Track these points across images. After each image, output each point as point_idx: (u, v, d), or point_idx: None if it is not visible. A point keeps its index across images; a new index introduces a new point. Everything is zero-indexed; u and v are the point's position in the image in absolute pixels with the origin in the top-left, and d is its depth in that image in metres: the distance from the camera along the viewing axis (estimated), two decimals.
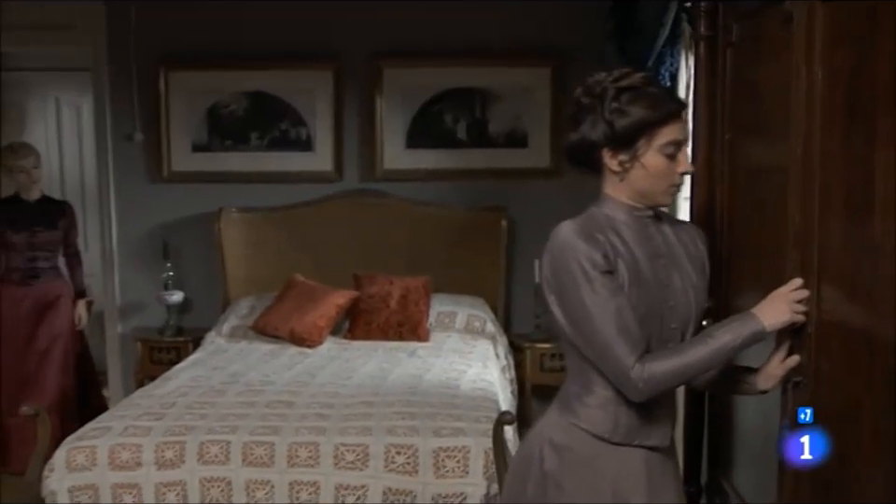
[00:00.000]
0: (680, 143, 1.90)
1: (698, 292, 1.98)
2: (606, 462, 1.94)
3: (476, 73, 5.17)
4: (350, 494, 3.06)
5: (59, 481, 3.10)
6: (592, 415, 1.94)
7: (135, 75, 5.26)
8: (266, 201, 5.21)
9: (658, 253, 1.95)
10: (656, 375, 1.81)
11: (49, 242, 4.87)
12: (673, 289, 1.94)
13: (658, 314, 1.90)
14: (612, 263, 1.85)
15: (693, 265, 2.00)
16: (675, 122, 1.89)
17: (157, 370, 4.75)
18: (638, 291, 1.87)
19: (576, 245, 1.85)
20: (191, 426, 3.25)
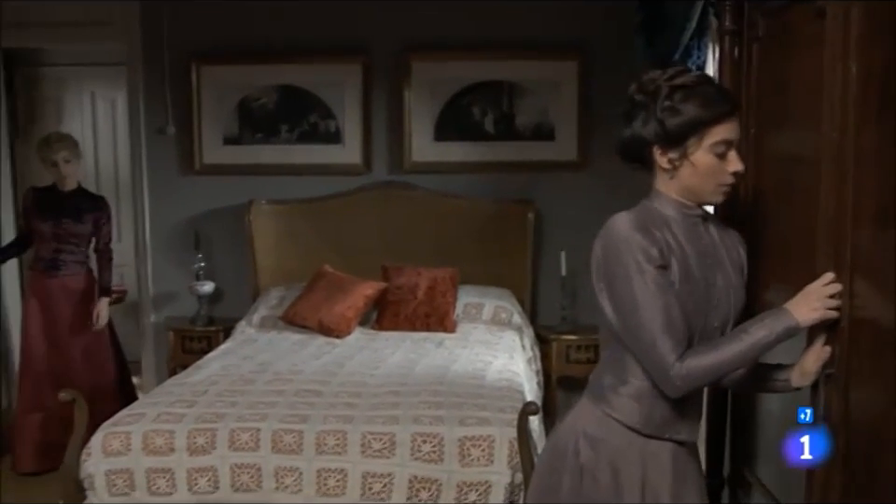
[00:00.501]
0: (731, 142, 1.92)
1: (737, 293, 2.01)
2: (636, 454, 1.98)
3: (504, 66, 5.20)
4: (377, 481, 3.11)
5: (95, 464, 3.18)
6: (625, 406, 1.97)
7: (168, 69, 5.36)
8: (296, 193, 5.28)
9: (706, 252, 1.97)
10: (694, 372, 1.84)
11: (74, 234, 4.77)
12: (717, 289, 1.96)
13: (703, 311, 1.93)
14: (666, 259, 1.88)
15: (734, 267, 2.03)
16: (727, 122, 1.90)
17: (188, 358, 4.84)
18: (687, 288, 1.90)
19: (632, 238, 1.87)
20: (222, 413, 3.31)
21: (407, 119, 5.24)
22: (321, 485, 3.13)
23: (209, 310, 5.34)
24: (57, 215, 4.73)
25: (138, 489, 3.18)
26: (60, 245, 4.74)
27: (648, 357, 1.88)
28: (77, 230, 4.76)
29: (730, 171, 1.92)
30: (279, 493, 3.15)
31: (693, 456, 2.08)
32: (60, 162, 4.73)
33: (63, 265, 4.77)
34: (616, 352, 1.99)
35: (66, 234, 4.74)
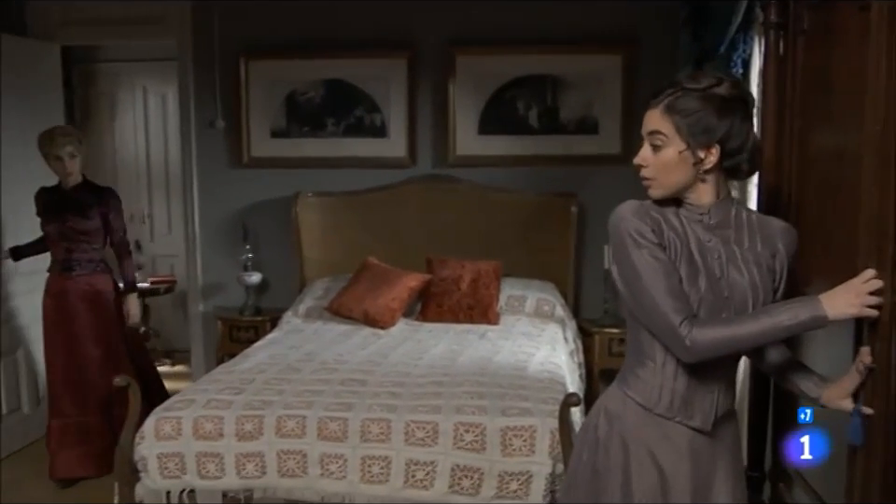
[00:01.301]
0: (644, 134, 1.99)
1: (757, 291, 1.97)
2: (649, 432, 2.03)
3: (548, 60, 5.21)
4: (419, 469, 3.16)
5: (148, 448, 3.28)
6: (641, 386, 2.04)
7: (218, 64, 5.47)
8: (341, 185, 5.35)
9: (713, 247, 1.98)
10: (706, 337, 1.86)
11: (82, 232, 4.49)
12: (728, 284, 1.96)
13: (707, 300, 1.94)
14: (662, 238, 1.94)
15: (759, 265, 1.99)
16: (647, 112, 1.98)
17: (236, 347, 4.95)
18: (689, 270, 1.94)
19: (626, 218, 1.95)
20: (269, 401, 3.39)
21: (451, 112, 5.28)
22: (365, 472, 3.19)
23: (256, 300, 5.45)
24: (62, 213, 4.48)
25: (189, 472, 3.27)
26: (70, 244, 4.49)
27: (655, 320, 1.92)
28: (85, 226, 4.49)
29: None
30: (324, 479, 3.21)
31: (721, 447, 2.07)
32: (65, 157, 4.45)
33: (76, 265, 4.52)
34: (634, 333, 2.05)
35: (75, 233, 4.48)
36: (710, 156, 1.93)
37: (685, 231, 1.98)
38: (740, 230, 2.01)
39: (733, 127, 1.91)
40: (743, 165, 1.97)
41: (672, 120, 1.92)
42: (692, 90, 1.91)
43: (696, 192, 1.98)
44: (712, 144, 1.92)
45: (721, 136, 1.91)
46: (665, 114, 1.93)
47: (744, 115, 1.94)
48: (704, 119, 1.90)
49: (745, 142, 1.94)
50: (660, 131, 1.93)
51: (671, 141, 1.93)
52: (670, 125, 1.92)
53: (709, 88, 1.91)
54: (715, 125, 1.90)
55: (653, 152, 1.96)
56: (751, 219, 2.05)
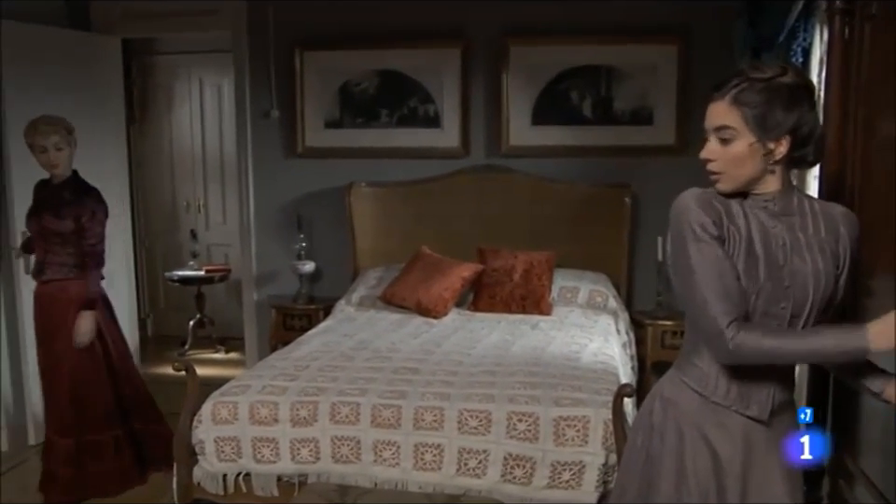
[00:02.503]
0: (707, 129, 1.95)
1: (819, 277, 1.94)
2: (705, 418, 2.02)
3: (602, 50, 5.17)
4: (472, 457, 3.17)
5: (206, 431, 3.34)
6: (697, 373, 2.03)
7: (273, 56, 5.52)
8: (395, 176, 5.38)
9: (777, 234, 1.96)
10: (747, 344, 1.85)
11: (55, 233, 3.98)
12: (791, 272, 1.94)
13: (766, 290, 1.93)
14: (723, 231, 1.92)
15: (822, 253, 1.97)
16: (708, 106, 1.94)
17: (289, 335, 5.01)
18: (748, 261, 1.92)
19: (689, 208, 1.93)
20: (324, 387, 3.42)
21: (505, 103, 5.27)
22: (418, 459, 3.21)
23: (310, 289, 5.50)
24: (40, 210, 4.05)
25: (244, 456, 3.32)
26: (46, 245, 4.03)
27: (702, 318, 1.91)
28: (58, 227, 3.98)
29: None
30: (377, 466, 3.24)
31: (777, 436, 2.04)
32: (50, 149, 3.99)
33: (47, 269, 4.05)
34: (691, 322, 2.05)
35: (48, 233, 4.01)
36: (780, 147, 1.90)
37: (748, 220, 1.96)
38: (804, 216, 1.99)
39: (801, 116, 1.89)
40: (809, 155, 1.95)
41: (740, 113, 1.88)
42: (758, 80, 1.88)
43: (764, 183, 1.96)
44: (782, 135, 1.89)
45: (790, 127, 1.88)
46: (733, 106, 1.89)
47: (810, 104, 1.91)
48: (773, 110, 1.87)
49: (813, 131, 1.92)
50: (728, 125, 1.89)
51: (740, 134, 1.89)
52: (739, 118, 1.88)
53: (775, 77, 1.88)
54: (784, 116, 1.88)
55: (721, 146, 1.92)
56: (813, 206, 2.03)
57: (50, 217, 3.98)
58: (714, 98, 1.92)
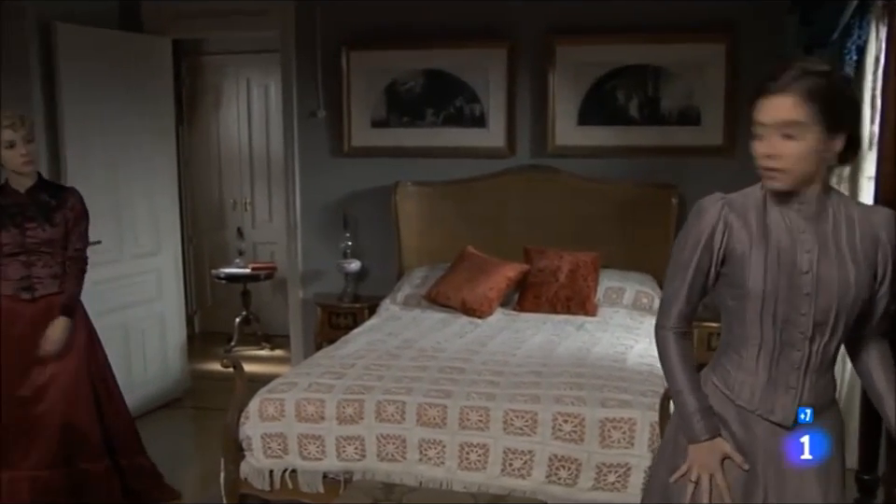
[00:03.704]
0: (764, 125, 1.86)
1: (848, 288, 1.91)
2: (730, 419, 2.05)
3: (648, 49, 5.13)
4: (517, 458, 3.17)
5: (253, 427, 3.39)
6: (725, 376, 2.06)
7: (319, 55, 5.56)
8: (440, 175, 5.39)
9: (804, 240, 1.93)
10: (660, 349, 2.14)
11: (45, 242, 3.61)
12: (817, 277, 1.91)
13: (784, 295, 1.92)
14: (722, 241, 1.98)
15: (855, 260, 1.92)
16: (760, 101, 1.87)
17: (334, 333, 5.05)
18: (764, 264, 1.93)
19: (698, 214, 2.02)
20: (369, 386, 3.45)
21: (551, 102, 5.25)
22: (463, 459, 3.22)
23: (355, 287, 5.53)
24: (20, 220, 3.59)
25: (291, 453, 3.36)
26: (30, 257, 3.60)
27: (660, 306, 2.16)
28: (47, 235, 3.61)
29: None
30: (422, 464, 3.26)
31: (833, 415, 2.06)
32: (18, 142, 3.51)
33: (39, 284, 3.64)
34: (725, 323, 2.09)
35: (36, 244, 3.60)
36: (839, 144, 1.87)
37: (771, 223, 1.95)
38: (839, 223, 1.95)
39: (860, 112, 1.88)
40: (851, 153, 1.92)
41: (811, 107, 1.81)
42: (821, 74, 1.83)
43: (812, 182, 1.92)
44: (845, 131, 1.85)
45: (852, 123, 1.87)
46: (802, 100, 1.81)
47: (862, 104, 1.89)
48: (840, 105, 1.84)
49: (863, 129, 1.89)
50: (797, 119, 1.82)
51: (810, 129, 1.82)
52: (808, 112, 1.81)
53: (830, 73, 1.85)
54: (849, 112, 1.86)
55: (785, 141, 1.84)
56: (850, 210, 1.98)
57: (39, 226, 3.59)
58: (773, 92, 1.84)
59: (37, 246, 3.61)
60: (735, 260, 1.97)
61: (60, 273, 3.67)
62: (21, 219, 3.58)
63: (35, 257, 3.61)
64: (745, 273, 1.95)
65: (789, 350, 1.96)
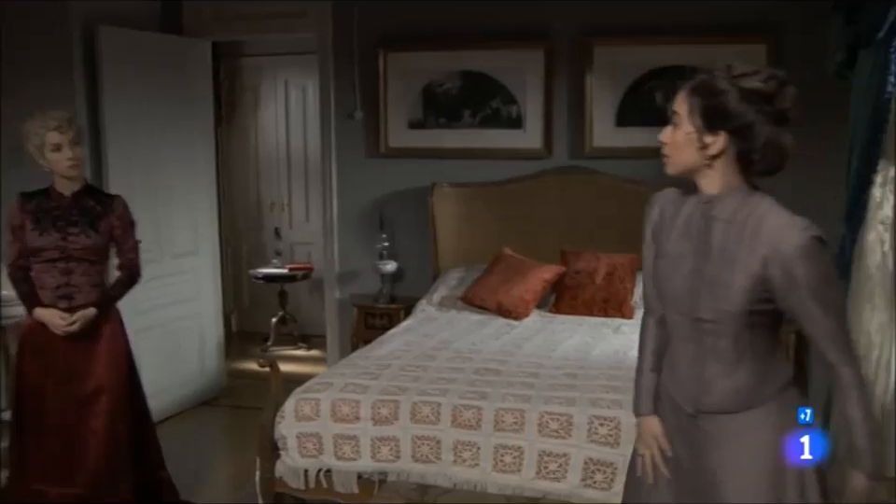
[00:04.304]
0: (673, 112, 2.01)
1: (731, 294, 1.93)
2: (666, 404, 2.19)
3: (688, 50, 5.04)
4: (552, 461, 3.15)
5: (288, 427, 3.41)
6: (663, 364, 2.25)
7: (357, 57, 5.58)
8: (477, 176, 5.37)
9: (694, 238, 2.02)
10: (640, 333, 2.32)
11: (87, 249, 3.46)
12: (706, 279, 1.97)
13: (676, 292, 2.06)
14: (658, 234, 2.14)
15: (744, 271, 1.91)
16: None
17: (370, 334, 5.06)
18: (675, 257, 2.06)
19: (648, 208, 2.22)
20: (405, 386, 3.45)
21: (588, 104, 5.21)
22: (497, 461, 3.20)
23: (391, 288, 5.54)
24: (62, 225, 3.45)
25: (325, 453, 3.38)
26: (68, 264, 3.46)
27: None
28: (89, 242, 3.47)
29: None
30: (457, 466, 3.25)
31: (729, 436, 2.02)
32: (65, 145, 3.39)
33: (76, 293, 3.47)
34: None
35: (77, 250, 3.46)
36: (717, 143, 1.92)
37: (689, 219, 2.06)
38: (742, 226, 1.94)
39: (744, 119, 1.89)
40: (755, 161, 1.93)
41: (688, 102, 1.95)
42: (716, 75, 1.93)
43: (705, 178, 2.00)
44: (718, 131, 1.91)
45: (730, 126, 1.90)
46: (685, 95, 1.97)
47: (763, 111, 1.88)
48: (717, 105, 1.90)
49: (756, 137, 1.89)
50: (676, 111, 1.99)
51: (683, 121, 1.96)
52: (686, 106, 1.96)
53: (738, 77, 1.90)
54: (726, 113, 1.89)
55: (670, 129, 2.01)
56: (761, 217, 1.93)
57: (82, 232, 3.45)
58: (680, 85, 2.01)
59: (78, 253, 3.46)
60: (660, 253, 2.12)
61: (99, 283, 3.54)
62: (64, 224, 3.45)
63: (75, 263, 3.46)
64: (660, 265, 2.11)
65: (694, 344, 2.05)
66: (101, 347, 3.50)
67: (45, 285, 3.46)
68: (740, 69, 1.91)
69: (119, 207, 3.57)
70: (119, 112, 4.99)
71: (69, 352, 3.45)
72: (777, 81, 1.91)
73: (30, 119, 3.40)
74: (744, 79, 1.89)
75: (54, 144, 3.36)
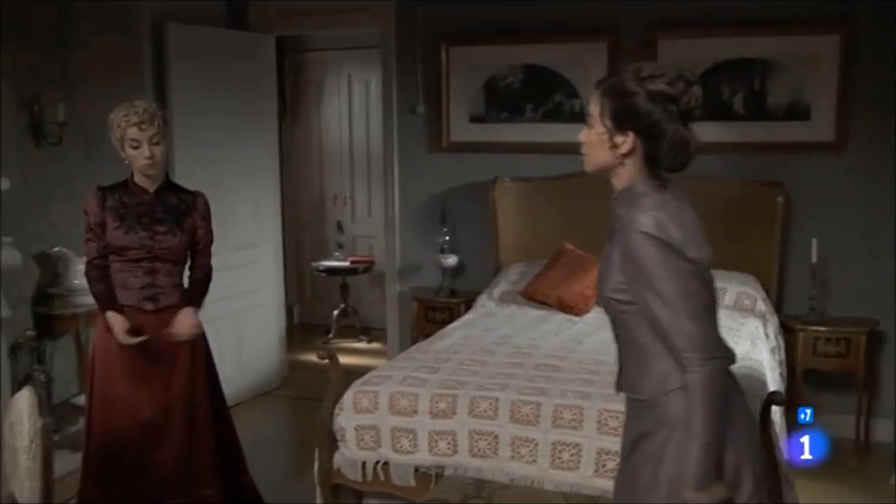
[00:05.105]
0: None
1: (605, 285, 2.04)
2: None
3: (755, 43, 4.96)
4: (611, 459, 3.11)
5: (347, 419, 3.44)
6: None
7: (419, 51, 5.60)
8: (539, 171, 5.34)
9: (609, 235, 2.08)
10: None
11: (173, 249, 3.33)
12: (601, 274, 2.07)
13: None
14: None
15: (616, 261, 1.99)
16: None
17: (430, 328, 5.08)
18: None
19: None
20: (463, 381, 3.45)
21: None
22: (555, 458, 3.18)
23: (452, 282, 5.55)
24: (147, 221, 3.29)
25: (383, 445, 3.40)
26: (154, 264, 3.31)
27: None
28: (176, 241, 3.34)
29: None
30: (514, 462, 3.24)
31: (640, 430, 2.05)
32: (143, 143, 3.20)
33: (162, 294, 3.34)
34: None
35: (163, 250, 3.31)
36: (626, 143, 1.98)
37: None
38: (623, 223, 1.99)
39: (650, 119, 1.93)
40: (660, 158, 2.00)
41: (600, 104, 2.00)
42: (625, 77, 1.97)
43: (616, 177, 2.06)
44: (627, 131, 1.96)
45: (638, 126, 1.95)
46: (597, 96, 2.02)
47: (669, 111, 1.94)
48: (626, 106, 1.95)
49: (662, 137, 1.95)
50: (590, 112, 2.04)
51: (595, 122, 2.02)
52: (598, 108, 2.01)
53: (646, 79, 1.94)
54: (634, 114, 1.95)
55: (585, 129, 2.06)
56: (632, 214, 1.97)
57: (166, 230, 3.30)
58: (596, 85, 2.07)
59: (164, 253, 3.30)
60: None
61: (179, 283, 3.40)
62: (149, 222, 3.28)
63: (160, 263, 3.31)
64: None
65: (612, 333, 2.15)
66: (183, 352, 3.35)
67: (129, 285, 3.30)
68: (648, 71, 1.96)
69: (201, 205, 3.42)
70: (185, 107, 5.10)
71: (150, 357, 3.30)
72: (685, 82, 1.96)
73: (116, 109, 3.22)
74: (651, 81, 1.94)
75: (134, 140, 3.18)
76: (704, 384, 1.88)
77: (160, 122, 3.23)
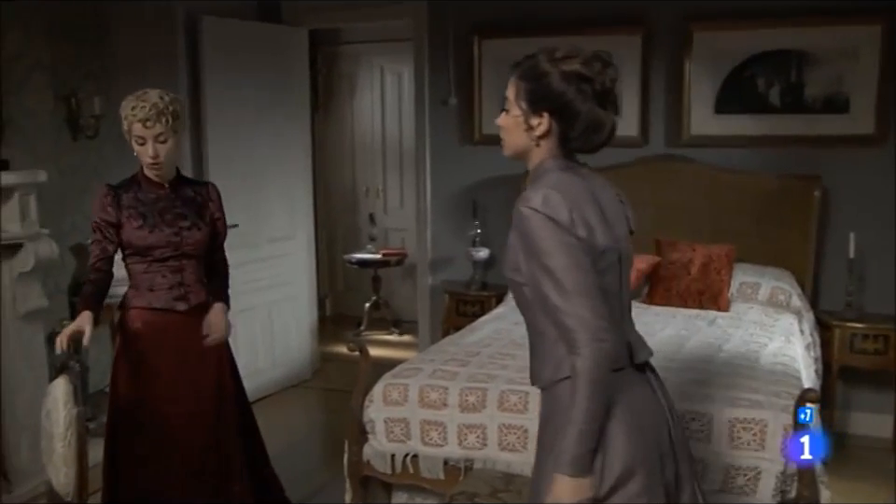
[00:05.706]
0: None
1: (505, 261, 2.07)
2: None
3: (793, 34, 4.89)
4: None
5: (376, 411, 3.44)
6: None
7: (451, 44, 5.59)
8: None
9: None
10: None
11: (198, 244, 3.17)
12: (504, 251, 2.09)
13: None
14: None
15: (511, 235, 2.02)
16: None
17: (461, 321, 5.07)
18: None
19: None
20: (493, 374, 3.44)
21: (686, 90, 5.09)
22: None
23: (483, 275, 5.54)
24: (169, 216, 3.13)
25: (413, 438, 3.40)
26: (180, 262, 3.15)
27: None
28: (202, 235, 3.19)
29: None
30: None
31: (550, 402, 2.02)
32: (148, 141, 3.01)
33: (190, 292, 3.18)
34: None
35: (189, 246, 3.15)
36: (541, 124, 1.98)
37: None
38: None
39: (563, 99, 1.92)
40: (573, 139, 1.99)
41: (515, 86, 2.00)
42: (539, 59, 1.98)
43: (530, 160, 2.07)
44: (542, 112, 1.96)
45: (552, 106, 1.95)
46: (514, 79, 2.02)
47: (583, 91, 1.94)
48: (539, 87, 1.96)
49: (576, 118, 1.95)
50: (506, 95, 2.03)
51: (512, 105, 2.02)
52: (514, 90, 2.01)
53: (560, 59, 1.95)
54: (548, 94, 1.95)
55: (504, 114, 2.05)
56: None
57: (190, 224, 3.16)
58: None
59: (190, 249, 3.14)
60: None
61: (202, 279, 3.23)
62: (172, 218, 3.12)
63: (186, 260, 3.15)
64: None
65: None
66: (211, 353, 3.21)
67: (156, 286, 3.12)
68: (563, 52, 1.97)
69: (214, 194, 3.28)
70: (219, 99, 5.14)
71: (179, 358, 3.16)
72: (601, 62, 1.96)
73: (126, 98, 3.04)
74: (565, 62, 1.94)
75: (139, 136, 3.01)
76: (587, 367, 1.82)
77: (168, 119, 3.00)
